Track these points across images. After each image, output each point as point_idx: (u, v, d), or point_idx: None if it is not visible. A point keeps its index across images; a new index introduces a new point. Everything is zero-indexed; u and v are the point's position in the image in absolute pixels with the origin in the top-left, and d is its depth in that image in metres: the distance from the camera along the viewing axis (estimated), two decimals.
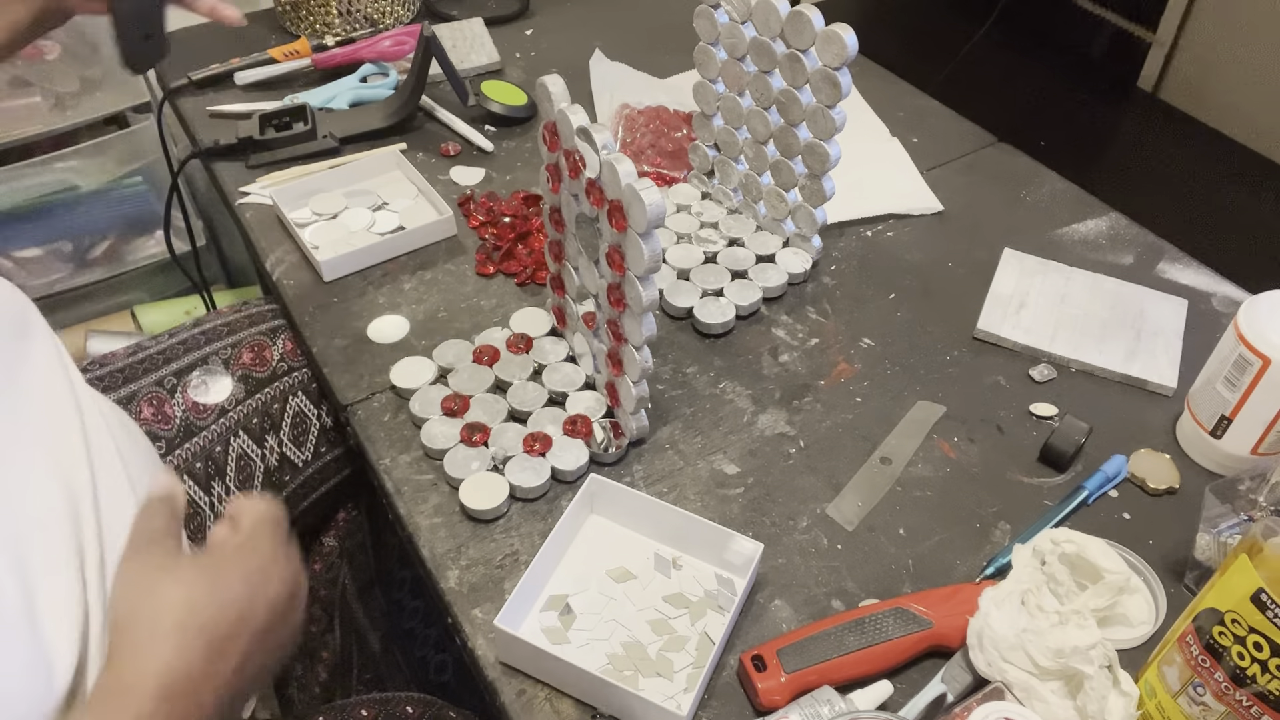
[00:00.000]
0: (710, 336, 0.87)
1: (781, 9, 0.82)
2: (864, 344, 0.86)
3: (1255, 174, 2.22)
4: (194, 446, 0.85)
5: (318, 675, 1.00)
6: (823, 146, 0.86)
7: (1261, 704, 0.51)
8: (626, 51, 1.21)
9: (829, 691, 0.60)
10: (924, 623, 0.63)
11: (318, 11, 1.20)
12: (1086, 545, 0.64)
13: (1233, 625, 0.52)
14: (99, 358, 0.89)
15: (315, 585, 1.00)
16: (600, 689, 0.60)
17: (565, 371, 0.81)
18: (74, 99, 1.47)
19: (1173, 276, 0.93)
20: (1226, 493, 0.67)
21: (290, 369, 0.91)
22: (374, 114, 1.08)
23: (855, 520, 0.73)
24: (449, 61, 1.05)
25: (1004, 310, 0.88)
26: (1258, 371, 0.70)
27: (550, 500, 0.74)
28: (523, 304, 0.89)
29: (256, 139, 1.02)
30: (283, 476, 0.91)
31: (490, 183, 1.03)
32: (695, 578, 0.69)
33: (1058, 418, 0.80)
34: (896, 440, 0.78)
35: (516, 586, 0.64)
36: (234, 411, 0.88)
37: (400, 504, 0.73)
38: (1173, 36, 2.35)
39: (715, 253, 0.93)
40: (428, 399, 0.79)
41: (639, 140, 1.06)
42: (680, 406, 0.81)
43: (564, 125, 0.70)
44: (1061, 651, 0.58)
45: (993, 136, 1.11)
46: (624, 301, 0.70)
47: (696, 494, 0.74)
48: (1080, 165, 2.22)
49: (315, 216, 0.96)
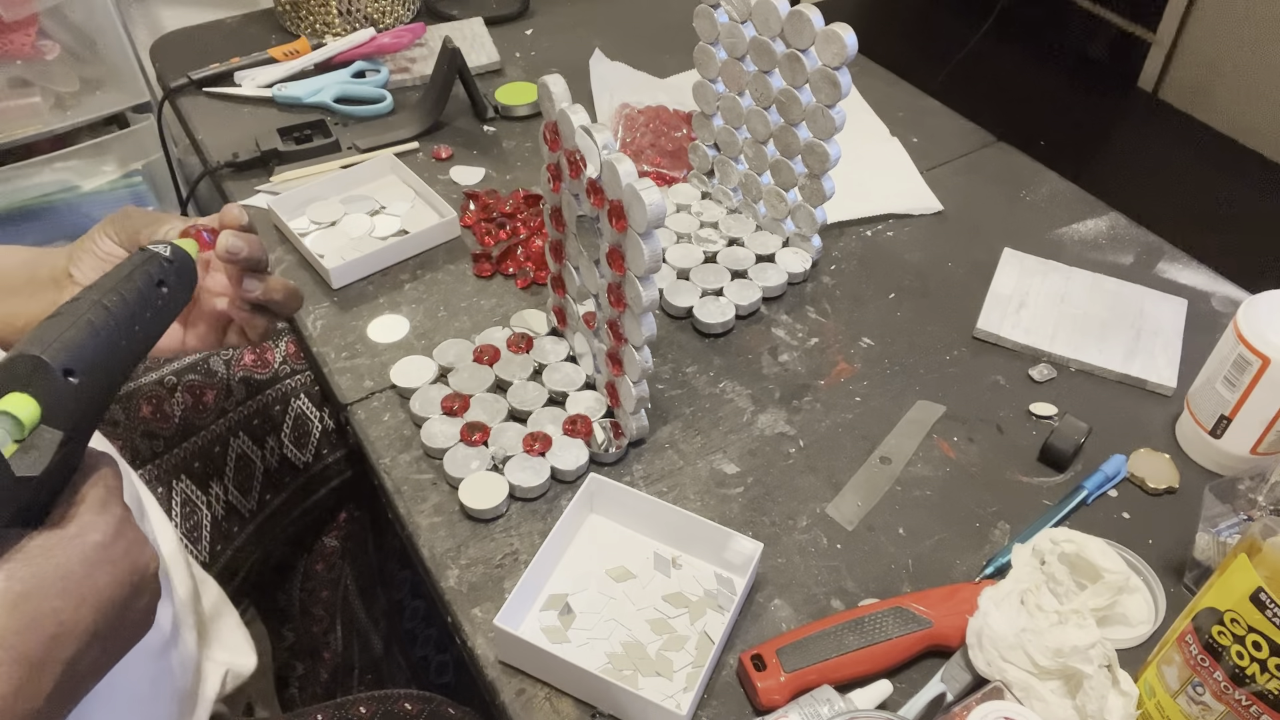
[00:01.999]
0: (710, 336, 0.87)
1: (781, 9, 0.82)
2: (864, 344, 0.87)
3: (1255, 174, 2.22)
4: (192, 445, 0.85)
5: (319, 675, 1.00)
6: (822, 146, 0.86)
7: (1261, 703, 0.51)
8: (626, 51, 1.21)
9: (829, 691, 0.60)
10: (923, 622, 0.63)
11: (318, 11, 1.20)
12: (1086, 545, 0.64)
13: (1232, 625, 0.52)
14: None
15: (317, 586, 1.00)
16: (600, 688, 0.60)
17: (565, 371, 0.81)
18: (74, 99, 1.47)
19: (1172, 276, 0.93)
20: (1226, 492, 0.67)
21: (292, 371, 0.91)
22: (398, 126, 1.08)
23: (855, 520, 0.73)
24: (471, 78, 1.07)
25: (1004, 310, 0.88)
26: (1257, 371, 0.70)
27: (550, 500, 0.74)
28: (522, 304, 0.89)
29: (280, 150, 1.02)
30: (283, 478, 0.91)
31: (490, 182, 1.03)
32: (695, 577, 0.69)
33: (1057, 417, 0.80)
34: (896, 440, 0.79)
35: (516, 586, 0.64)
36: (234, 412, 0.88)
37: (400, 503, 0.73)
38: (1173, 36, 2.35)
39: (715, 252, 0.93)
40: (428, 398, 0.79)
41: (639, 140, 1.06)
42: (680, 406, 0.81)
43: (565, 125, 0.70)
44: (1061, 651, 0.58)
45: (993, 136, 1.11)
46: (624, 301, 0.70)
47: (696, 493, 0.74)
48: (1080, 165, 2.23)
49: (314, 225, 0.96)
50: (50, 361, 0.45)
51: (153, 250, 0.56)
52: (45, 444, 0.45)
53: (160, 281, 0.55)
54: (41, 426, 0.45)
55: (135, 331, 0.52)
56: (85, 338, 0.48)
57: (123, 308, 0.51)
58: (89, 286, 0.51)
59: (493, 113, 1.11)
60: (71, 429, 0.46)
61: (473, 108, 1.11)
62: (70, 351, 0.47)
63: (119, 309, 0.50)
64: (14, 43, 1.37)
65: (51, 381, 0.45)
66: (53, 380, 0.45)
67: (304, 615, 1.00)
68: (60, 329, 0.47)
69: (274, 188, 1.00)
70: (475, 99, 1.10)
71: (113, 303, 0.50)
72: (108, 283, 0.51)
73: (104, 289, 0.51)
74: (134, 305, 0.52)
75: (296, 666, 1.01)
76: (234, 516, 0.87)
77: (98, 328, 0.49)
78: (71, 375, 0.46)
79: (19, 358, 0.45)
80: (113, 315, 0.50)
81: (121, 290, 0.51)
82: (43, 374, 0.45)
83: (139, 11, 1.55)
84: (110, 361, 0.49)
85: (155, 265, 0.55)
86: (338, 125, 1.08)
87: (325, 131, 1.05)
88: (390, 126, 1.08)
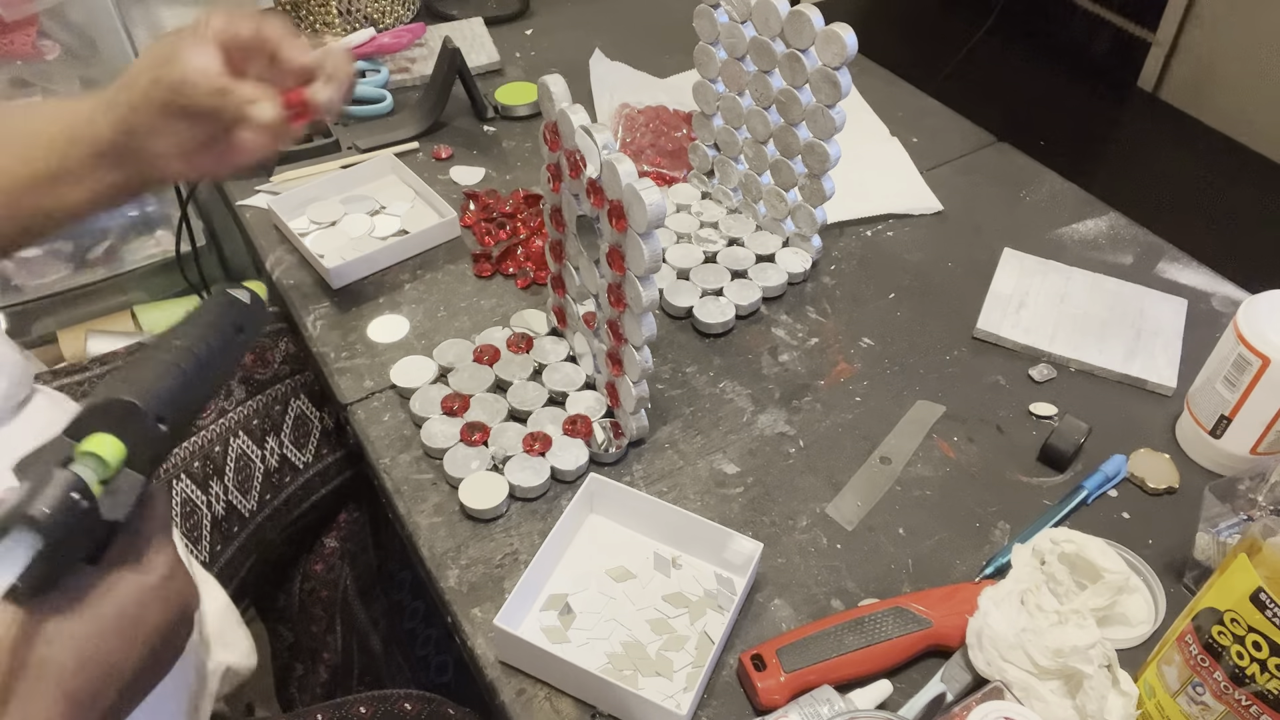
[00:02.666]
0: (710, 336, 0.87)
1: (781, 9, 0.82)
2: (864, 344, 0.87)
3: (1255, 174, 2.22)
4: (192, 445, 0.85)
5: (319, 675, 1.00)
6: (822, 146, 0.86)
7: (1260, 703, 0.51)
8: (626, 51, 1.21)
9: (828, 691, 0.60)
10: (923, 622, 0.63)
11: (318, 11, 1.20)
12: (1086, 545, 0.64)
13: (1232, 625, 0.52)
14: (100, 356, 0.89)
15: (317, 586, 1.00)
16: (600, 688, 0.60)
17: (565, 371, 0.81)
18: None
19: (1172, 276, 0.93)
20: (1226, 492, 0.67)
21: (293, 371, 0.91)
22: (398, 126, 1.08)
23: (855, 520, 0.73)
24: (471, 78, 1.07)
25: (1004, 310, 0.88)
26: (1257, 371, 0.70)
27: (550, 500, 0.74)
28: (522, 304, 0.89)
29: (280, 150, 1.02)
30: (283, 478, 0.91)
31: (490, 182, 1.03)
32: (695, 577, 0.69)
33: (1057, 417, 0.80)
34: (896, 440, 0.79)
35: (516, 586, 0.64)
36: (234, 412, 0.88)
37: (400, 503, 0.73)
38: (1173, 36, 2.35)
39: (715, 252, 0.93)
40: (428, 398, 0.79)
41: (639, 140, 1.06)
42: (680, 406, 0.81)
43: (565, 125, 0.70)
44: (1061, 651, 0.58)
45: (993, 136, 1.11)
46: (624, 301, 0.70)
47: (696, 493, 0.74)
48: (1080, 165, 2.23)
49: (314, 225, 0.96)
50: (145, 409, 0.47)
51: (235, 296, 0.57)
52: (129, 488, 0.46)
53: (240, 328, 0.56)
54: (125, 470, 0.46)
55: (213, 376, 0.53)
56: (177, 386, 0.49)
57: (209, 356, 0.52)
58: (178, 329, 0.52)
59: (493, 113, 1.12)
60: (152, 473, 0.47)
61: (473, 108, 1.11)
62: (163, 399, 0.48)
63: (205, 357, 0.52)
64: (14, 43, 1.37)
65: (144, 428, 0.47)
66: (146, 427, 0.47)
67: (304, 615, 1.00)
68: (155, 375, 0.49)
69: (274, 187, 1.00)
70: (475, 99, 1.10)
71: (201, 351, 0.52)
72: (196, 329, 0.53)
73: (193, 336, 0.52)
74: (218, 353, 0.53)
75: (296, 666, 1.01)
76: (234, 516, 0.87)
77: (188, 376, 0.50)
78: (162, 422, 0.48)
79: (115, 402, 0.46)
80: (200, 363, 0.51)
81: (209, 339, 0.53)
82: (136, 420, 0.47)
83: (139, 12, 1.54)
84: (192, 407, 0.51)
85: (237, 312, 0.56)
86: (338, 125, 1.08)
87: (325, 131, 1.05)
88: (390, 126, 1.08)
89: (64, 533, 0.43)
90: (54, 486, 0.43)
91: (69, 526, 0.43)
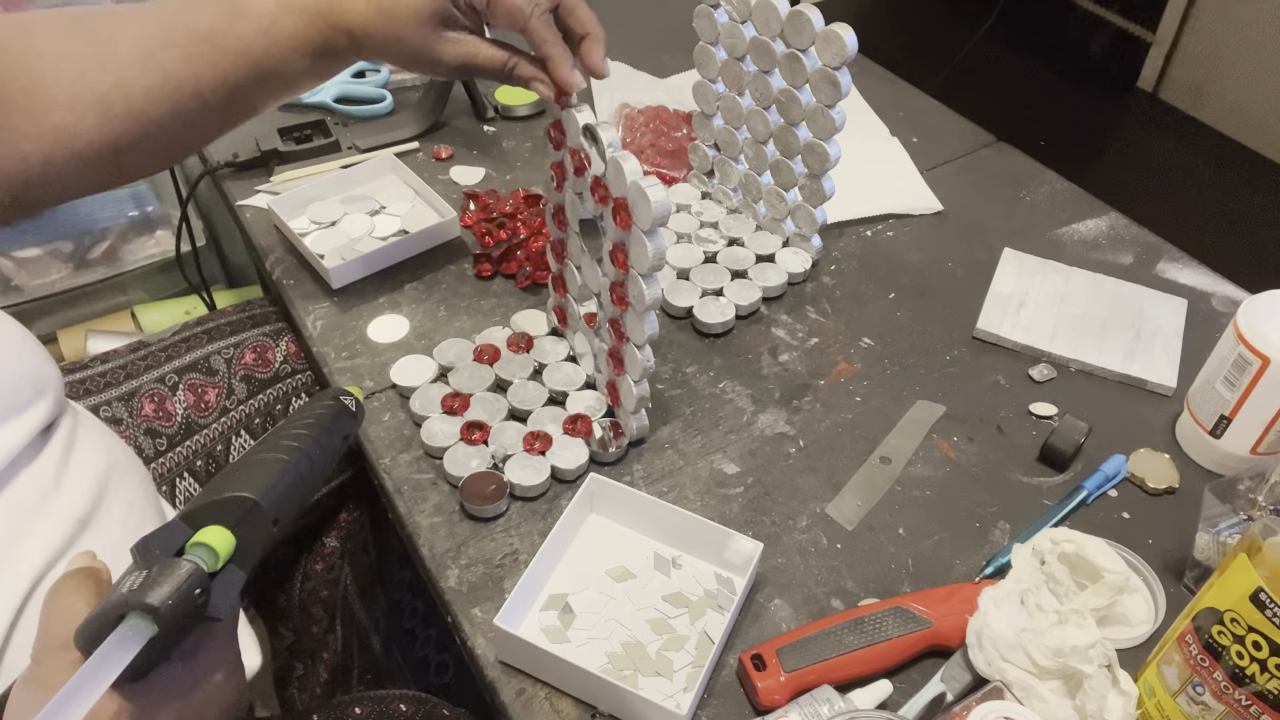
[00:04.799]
0: (710, 336, 0.87)
1: (781, 9, 0.82)
2: (864, 344, 0.87)
3: (1255, 174, 2.23)
4: (194, 444, 0.86)
5: (318, 675, 1.00)
6: (822, 146, 0.86)
7: (1260, 703, 0.51)
8: (626, 51, 1.21)
9: (828, 691, 0.60)
10: (923, 622, 0.63)
11: None
12: (1086, 545, 0.64)
13: (1232, 624, 0.52)
14: (101, 355, 0.89)
15: (317, 586, 1.00)
16: (600, 688, 0.60)
17: (565, 371, 0.81)
18: None
19: (1172, 276, 0.93)
20: (1226, 492, 0.67)
21: (293, 371, 0.92)
22: (398, 125, 1.08)
23: (855, 520, 0.73)
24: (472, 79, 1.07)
25: (1004, 310, 0.88)
26: (1257, 371, 0.70)
27: (550, 499, 0.74)
28: (522, 304, 0.89)
29: (280, 150, 1.02)
30: None
31: (490, 182, 1.03)
32: (695, 577, 0.69)
33: (1057, 417, 0.80)
34: (896, 440, 0.79)
35: (516, 586, 0.64)
36: (235, 411, 0.88)
37: (400, 503, 0.73)
38: (1173, 36, 2.35)
39: (715, 252, 0.93)
40: (428, 397, 0.79)
41: (639, 140, 1.06)
42: (680, 406, 0.81)
43: (569, 123, 0.70)
44: (1061, 651, 0.58)
45: (992, 136, 1.12)
46: (626, 299, 0.70)
47: (696, 493, 0.74)
48: (1080, 165, 2.23)
49: (314, 225, 0.96)
50: (266, 510, 0.47)
51: (347, 405, 0.59)
52: (231, 585, 0.46)
53: (346, 436, 0.58)
54: (231, 565, 0.46)
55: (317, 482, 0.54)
56: (292, 488, 0.50)
57: (321, 460, 0.53)
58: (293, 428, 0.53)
59: (493, 113, 1.11)
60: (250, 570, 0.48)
61: (473, 107, 1.11)
62: (280, 501, 0.49)
63: (319, 461, 0.53)
64: None
65: (260, 527, 0.47)
66: (262, 526, 0.47)
67: (303, 615, 1.00)
68: (277, 477, 0.49)
69: (274, 188, 1.00)
70: (475, 99, 1.10)
71: (315, 456, 0.53)
72: (310, 433, 0.54)
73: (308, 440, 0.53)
74: (329, 458, 0.55)
75: (296, 666, 1.01)
76: None
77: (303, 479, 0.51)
78: (276, 523, 0.48)
79: (239, 499, 0.47)
80: (313, 467, 0.52)
81: (323, 443, 0.54)
82: (255, 518, 0.47)
83: None
84: (297, 509, 0.52)
85: (346, 420, 0.58)
86: (338, 125, 1.08)
87: (325, 131, 1.05)
88: (390, 126, 1.08)
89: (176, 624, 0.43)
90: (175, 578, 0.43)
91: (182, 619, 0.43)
